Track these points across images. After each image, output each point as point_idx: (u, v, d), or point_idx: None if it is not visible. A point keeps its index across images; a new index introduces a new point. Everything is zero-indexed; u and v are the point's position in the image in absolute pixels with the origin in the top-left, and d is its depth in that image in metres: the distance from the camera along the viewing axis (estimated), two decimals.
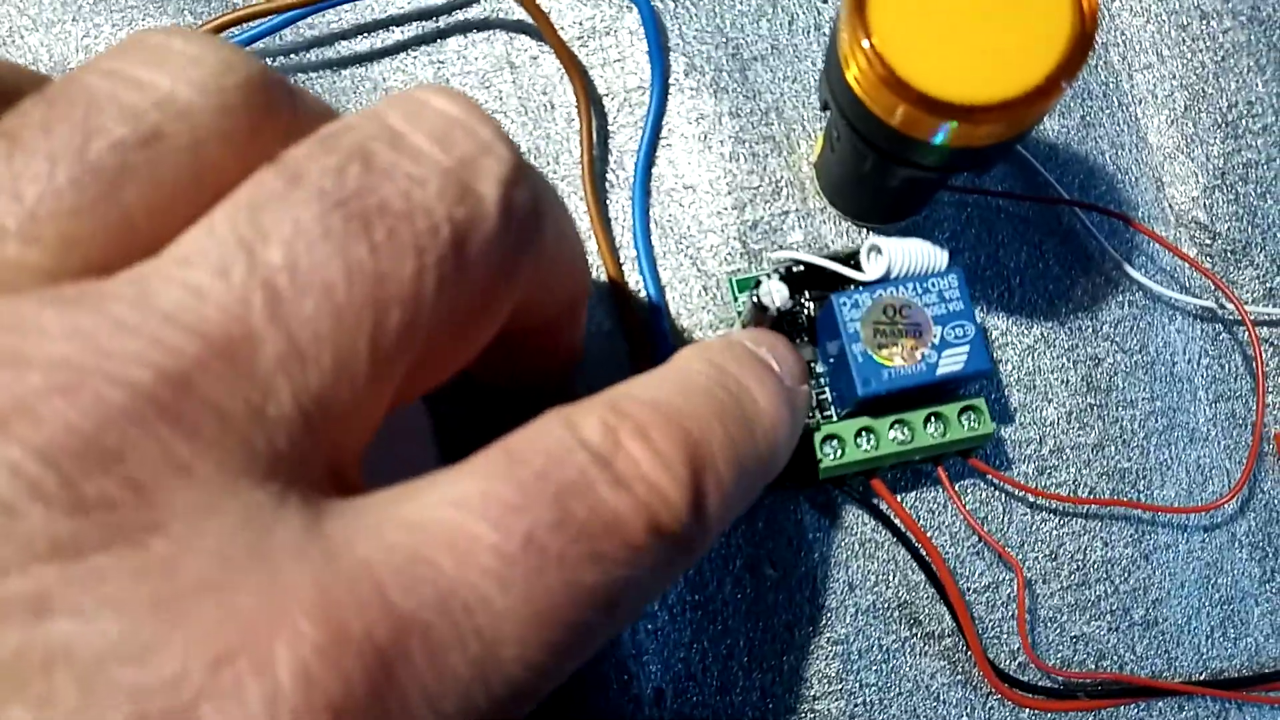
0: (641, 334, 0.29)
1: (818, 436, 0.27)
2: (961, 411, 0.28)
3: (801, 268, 0.29)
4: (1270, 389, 0.30)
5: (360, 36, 0.31)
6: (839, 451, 0.27)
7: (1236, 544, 0.30)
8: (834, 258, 0.28)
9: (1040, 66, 0.22)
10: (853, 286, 0.28)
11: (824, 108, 0.26)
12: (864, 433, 0.27)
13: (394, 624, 0.13)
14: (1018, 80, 0.22)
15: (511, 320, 0.18)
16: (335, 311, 0.13)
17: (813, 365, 0.29)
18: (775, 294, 0.28)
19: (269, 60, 0.31)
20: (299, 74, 0.30)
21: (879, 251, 0.28)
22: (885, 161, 0.25)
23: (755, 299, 0.28)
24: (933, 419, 0.27)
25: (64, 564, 0.11)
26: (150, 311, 0.13)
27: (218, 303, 0.13)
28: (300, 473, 0.13)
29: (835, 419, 0.29)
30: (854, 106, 0.23)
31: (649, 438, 0.16)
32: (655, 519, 0.15)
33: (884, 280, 0.27)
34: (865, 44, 0.22)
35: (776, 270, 0.29)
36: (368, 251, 0.14)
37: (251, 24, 0.29)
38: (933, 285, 0.27)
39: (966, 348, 0.27)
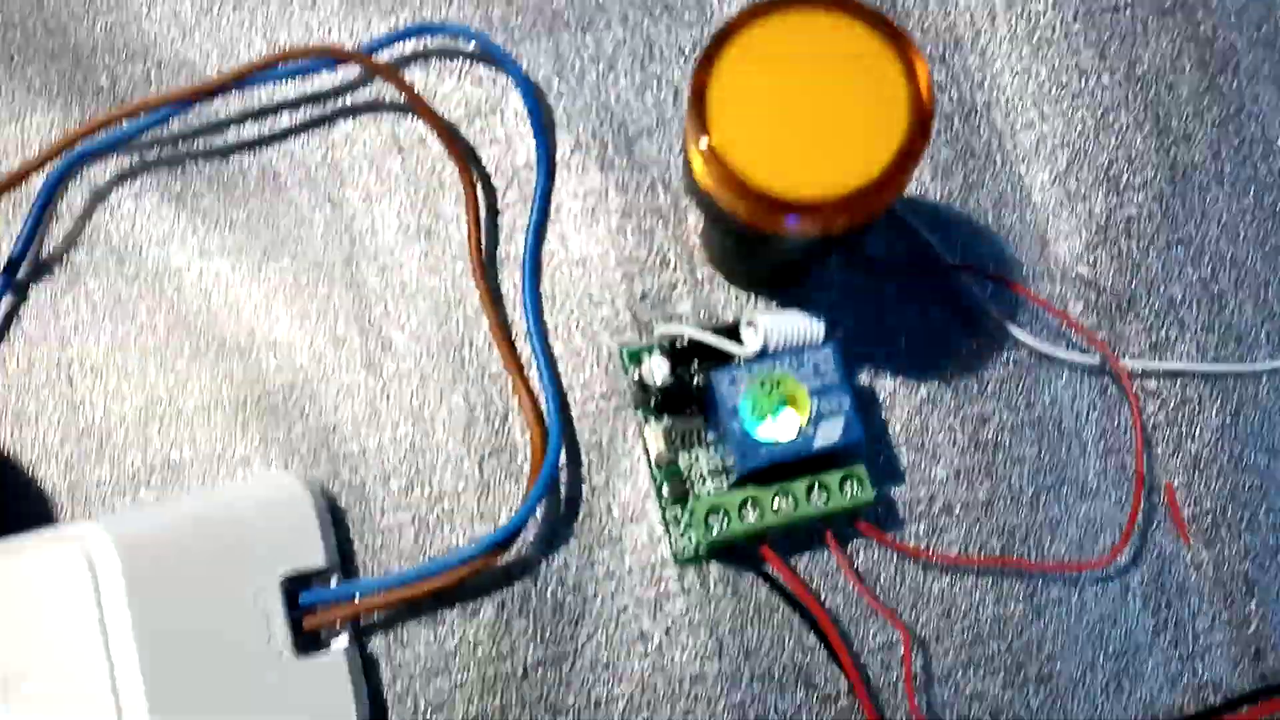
0: (535, 412, 0.29)
1: (702, 509, 0.28)
2: (843, 480, 0.28)
3: (686, 342, 0.29)
4: (1158, 440, 0.31)
5: (249, 122, 0.31)
6: (725, 523, 0.28)
7: (1130, 595, 0.30)
8: (717, 330, 0.29)
9: (880, 159, 0.22)
10: (733, 361, 0.28)
11: (688, 193, 0.26)
12: (749, 503, 0.28)
13: None
14: (859, 173, 0.22)
15: None
16: None
17: (703, 433, 0.30)
18: (656, 372, 0.28)
19: (157, 149, 0.31)
20: (186, 161, 0.31)
21: (755, 328, 0.28)
22: (752, 245, 0.26)
23: (638, 378, 0.28)
24: (816, 488, 0.28)
25: None
26: None
27: None
28: None
29: (724, 488, 0.29)
30: (705, 200, 0.24)
31: None
32: None
33: (762, 355, 0.28)
34: (704, 143, 0.22)
35: (660, 346, 0.29)
36: None
37: (139, 116, 0.30)
38: (809, 359, 0.27)
39: (842, 419, 0.27)
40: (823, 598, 0.29)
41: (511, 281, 0.31)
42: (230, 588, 0.26)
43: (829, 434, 0.27)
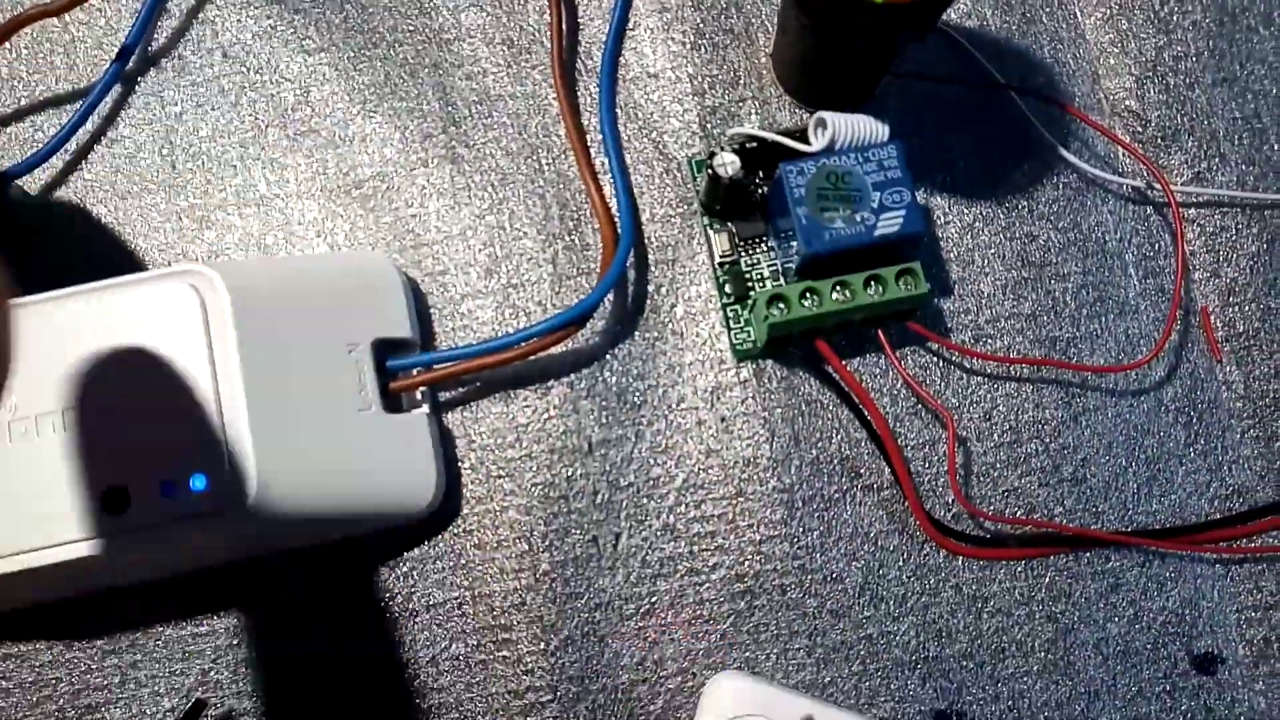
0: (606, 213, 0.31)
1: (764, 297, 0.29)
2: (899, 275, 0.30)
3: (755, 145, 0.31)
4: (1196, 266, 0.32)
5: None
6: (785, 310, 0.29)
7: (1163, 409, 0.32)
8: (784, 133, 0.31)
9: None
10: (800, 158, 0.30)
11: None
12: (808, 294, 0.29)
13: None
14: None
15: None
16: None
17: (764, 240, 0.32)
18: (728, 165, 0.30)
19: None
20: None
21: (824, 125, 0.30)
22: (832, 34, 0.27)
23: (710, 170, 0.30)
24: (872, 281, 0.29)
25: None
26: None
27: None
28: None
29: (783, 285, 0.31)
30: None
31: None
32: None
33: (828, 151, 0.30)
34: None
35: (731, 145, 0.31)
36: None
37: None
38: (873, 155, 0.29)
39: (903, 212, 0.29)
40: (871, 397, 0.31)
41: (588, 93, 0.33)
42: (328, 334, 0.28)
43: (890, 224, 0.29)
